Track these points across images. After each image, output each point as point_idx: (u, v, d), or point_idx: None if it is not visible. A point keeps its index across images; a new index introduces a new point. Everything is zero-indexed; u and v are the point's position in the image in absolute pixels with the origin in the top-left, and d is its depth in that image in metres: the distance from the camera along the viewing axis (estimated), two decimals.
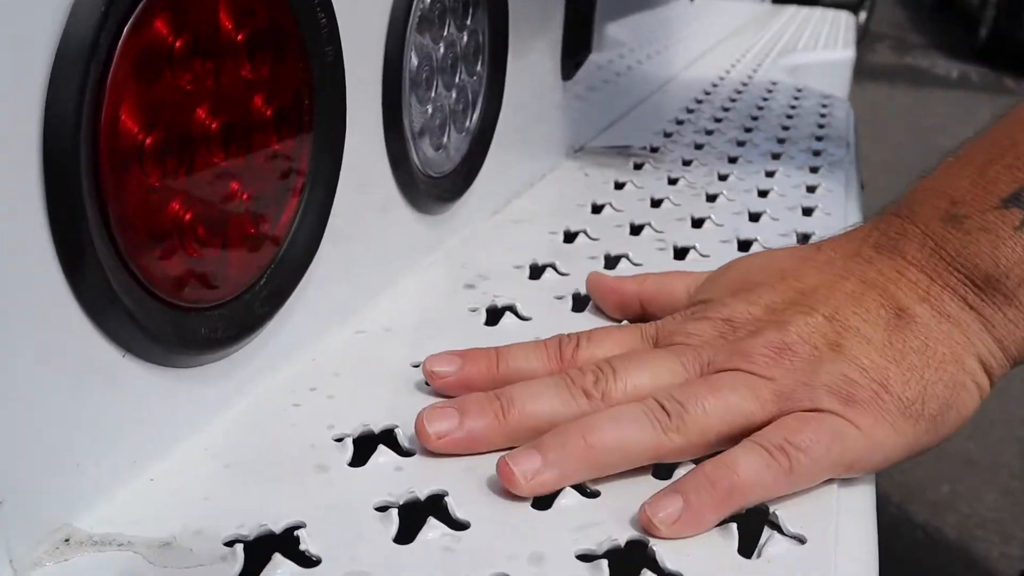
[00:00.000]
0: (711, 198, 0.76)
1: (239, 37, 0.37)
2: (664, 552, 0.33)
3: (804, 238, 0.67)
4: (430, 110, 0.57)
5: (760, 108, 1.16)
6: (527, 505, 0.35)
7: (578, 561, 0.32)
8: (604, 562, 0.32)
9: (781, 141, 0.98)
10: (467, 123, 0.62)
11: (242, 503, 0.35)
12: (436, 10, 0.55)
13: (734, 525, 0.34)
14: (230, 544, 0.33)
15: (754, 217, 0.72)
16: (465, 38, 0.60)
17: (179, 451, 0.38)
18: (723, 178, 0.83)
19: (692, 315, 0.44)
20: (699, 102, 1.17)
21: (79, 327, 0.32)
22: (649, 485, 0.37)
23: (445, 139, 0.59)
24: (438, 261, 0.60)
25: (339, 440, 0.39)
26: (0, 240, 0.28)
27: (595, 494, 0.36)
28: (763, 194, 0.78)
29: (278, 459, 0.38)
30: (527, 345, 0.44)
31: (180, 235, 0.36)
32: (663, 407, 0.37)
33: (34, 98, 0.29)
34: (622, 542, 0.34)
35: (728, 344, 0.41)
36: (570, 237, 0.66)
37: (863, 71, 5.92)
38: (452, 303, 0.54)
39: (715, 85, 1.30)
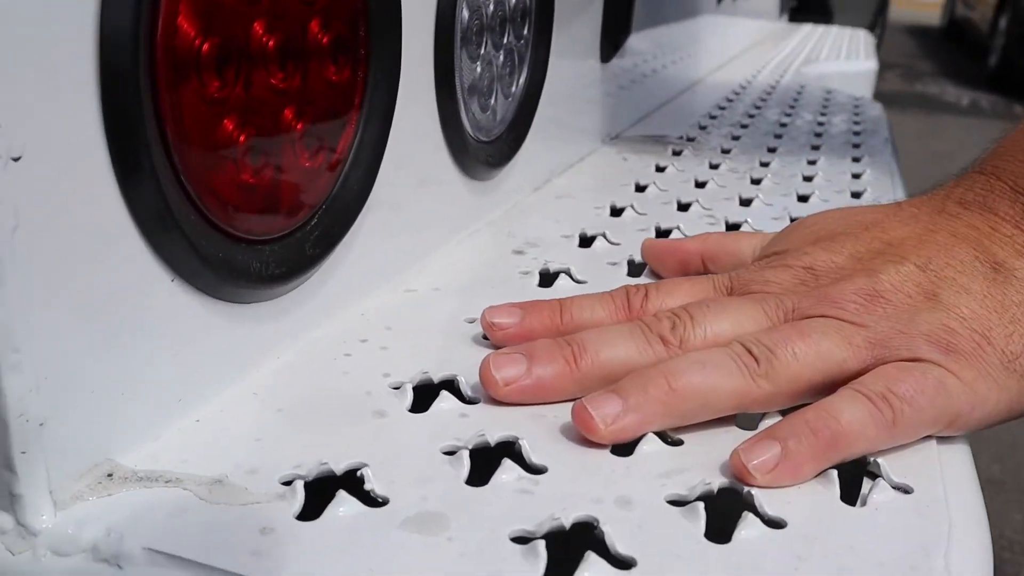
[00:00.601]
0: (756, 181, 0.74)
1: None
2: (762, 499, 0.30)
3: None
4: (479, 68, 0.54)
5: (792, 107, 1.13)
6: (606, 451, 0.33)
7: (670, 506, 0.30)
8: (700, 504, 0.29)
9: (818, 135, 0.96)
10: (513, 88, 0.60)
11: (297, 445, 0.32)
12: None
13: (834, 472, 0.32)
14: (288, 483, 0.30)
15: (803, 198, 0.69)
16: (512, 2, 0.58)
17: (227, 394, 0.35)
18: (765, 164, 0.80)
19: (769, 264, 0.41)
20: (730, 101, 1.15)
21: (131, 245, 0.30)
22: (733, 436, 0.34)
23: (492, 101, 0.57)
24: (482, 229, 0.57)
25: (396, 388, 0.36)
26: (57, 152, 0.26)
27: (678, 442, 0.33)
28: (808, 179, 0.76)
29: (333, 405, 0.35)
30: (592, 296, 0.41)
31: (234, 158, 0.34)
32: (750, 352, 0.34)
33: (90, 4, 0.27)
34: (715, 488, 0.31)
35: (812, 291, 0.38)
36: (616, 212, 0.63)
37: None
38: (502, 266, 0.51)
39: (743, 87, 1.28)
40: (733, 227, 0.61)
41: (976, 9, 7.36)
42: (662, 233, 0.59)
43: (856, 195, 0.71)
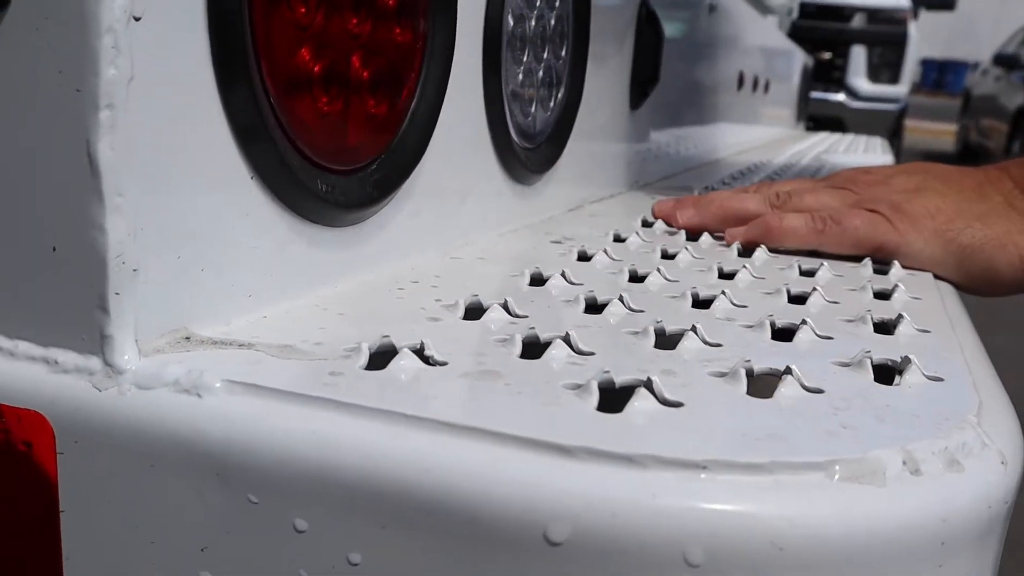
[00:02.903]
0: None
1: None
2: (800, 372, 0.32)
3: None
4: (521, 76, 0.58)
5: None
6: (650, 344, 0.34)
7: (711, 376, 0.31)
8: (740, 370, 0.31)
9: None
10: (551, 103, 0.64)
11: (359, 332, 0.34)
12: None
13: (868, 360, 0.33)
14: (352, 349, 0.32)
15: None
16: (553, 20, 0.62)
17: (291, 303, 0.37)
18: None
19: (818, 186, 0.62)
20: (750, 169, 1.19)
21: (222, 133, 0.33)
22: (767, 345, 0.36)
23: (533, 110, 0.61)
24: (521, 230, 0.60)
25: (450, 305, 0.39)
26: (171, 23, 0.29)
27: (717, 344, 0.35)
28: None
29: (391, 313, 0.37)
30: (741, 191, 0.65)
31: (310, 84, 0.37)
32: (778, 196, 0.60)
33: None
34: (754, 367, 0.32)
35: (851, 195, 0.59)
36: (648, 223, 0.66)
37: None
38: (543, 249, 0.54)
39: (764, 163, 1.33)
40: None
41: (990, 136, 7.52)
42: (693, 237, 0.62)
43: None
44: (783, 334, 0.38)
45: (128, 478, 0.28)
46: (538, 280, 0.45)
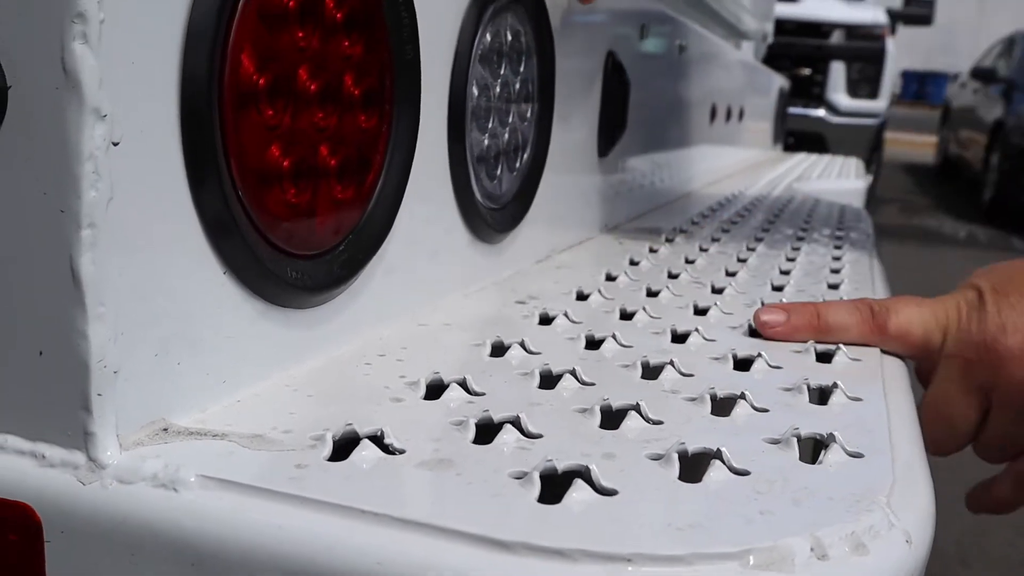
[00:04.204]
0: (742, 260, 0.80)
1: (338, 15, 0.42)
2: (729, 453, 0.34)
3: (832, 286, 0.70)
4: (486, 141, 0.61)
5: (781, 210, 1.21)
6: (595, 424, 0.37)
7: (648, 459, 0.34)
8: (675, 454, 0.34)
9: (804, 230, 1.02)
10: (517, 163, 0.66)
11: (326, 416, 0.37)
12: (495, 50, 0.61)
13: (794, 439, 0.36)
14: (318, 438, 0.34)
15: (785, 272, 0.75)
16: (518, 84, 0.65)
17: (263, 384, 0.40)
18: (751, 249, 0.86)
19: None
20: (721, 204, 1.22)
21: (195, 236, 0.35)
22: (706, 421, 0.39)
23: (499, 172, 0.63)
24: (489, 287, 0.63)
25: (412, 383, 0.41)
26: (147, 146, 0.32)
27: (658, 422, 0.38)
28: (792, 260, 0.82)
29: (356, 393, 0.40)
30: (844, 303, 0.54)
31: (280, 178, 0.40)
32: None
33: (175, 42, 0.33)
34: (689, 449, 0.35)
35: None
36: (611, 278, 0.69)
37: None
38: (507, 311, 0.56)
39: (735, 196, 1.36)
40: (720, 289, 0.67)
41: (969, 148, 7.61)
42: (653, 292, 0.64)
43: (835, 278, 0.77)
44: (723, 405, 0.41)
45: (111, 567, 0.31)
46: (499, 349, 0.48)
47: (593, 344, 0.50)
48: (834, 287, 0.70)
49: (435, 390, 0.41)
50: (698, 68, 1.31)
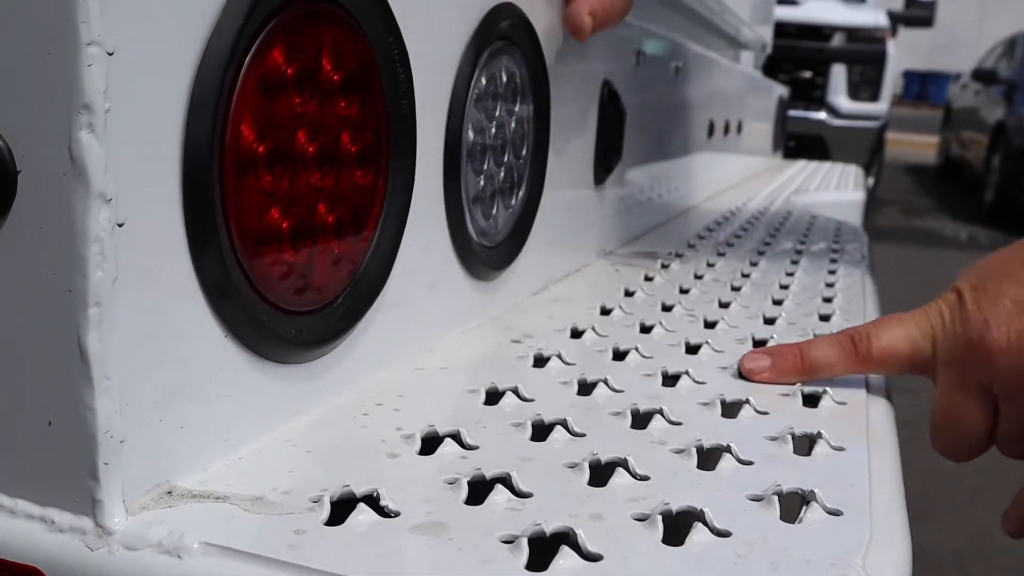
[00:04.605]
0: (736, 288, 0.81)
1: (335, 77, 0.44)
2: (712, 514, 0.36)
3: (823, 317, 0.72)
4: (482, 182, 0.63)
5: (777, 228, 1.22)
6: (584, 482, 0.39)
7: (634, 520, 0.35)
8: (659, 517, 0.35)
9: (799, 252, 1.04)
10: (513, 201, 0.68)
11: (324, 475, 0.38)
12: (490, 93, 0.62)
13: (775, 497, 0.37)
14: (316, 500, 0.36)
15: (778, 302, 0.76)
16: (513, 124, 0.67)
17: (264, 439, 0.41)
18: (746, 275, 0.88)
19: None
20: (719, 224, 1.24)
21: (196, 303, 0.37)
22: (693, 477, 0.40)
23: (494, 211, 0.65)
24: (485, 324, 0.64)
25: (407, 437, 0.43)
26: (149, 224, 0.33)
27: (644, 478, 0.39)
28: (784, 287, 0.83)
29: (353, 448, 0.41)
30: (825, 339, 0.55)
31: (279, 240, 0.41)
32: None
33: (182, 93, 0.35)
34: (673, 509, 0.36)
35: None
36: (606, 311, 0.70)
37: (873, 233, 6.08)
38: (502, 352, 0.58)
39: (733, 213, 1.37)
40: (712, 323, 0.68)
41: (970, 149, 7.61)
42: (646, 328, 0.66)
43: (827, 308, 0.78)
44: (710, 456, 0.42)
45: None
46: (493, 396, 0.49)
47: (585, 388, 0.51)
48: (825, 318, 0.71)
49: (430, 443, 0.42)
50: (695, 86, 1.32)
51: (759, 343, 0.63)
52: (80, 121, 0.31)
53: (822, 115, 5.71)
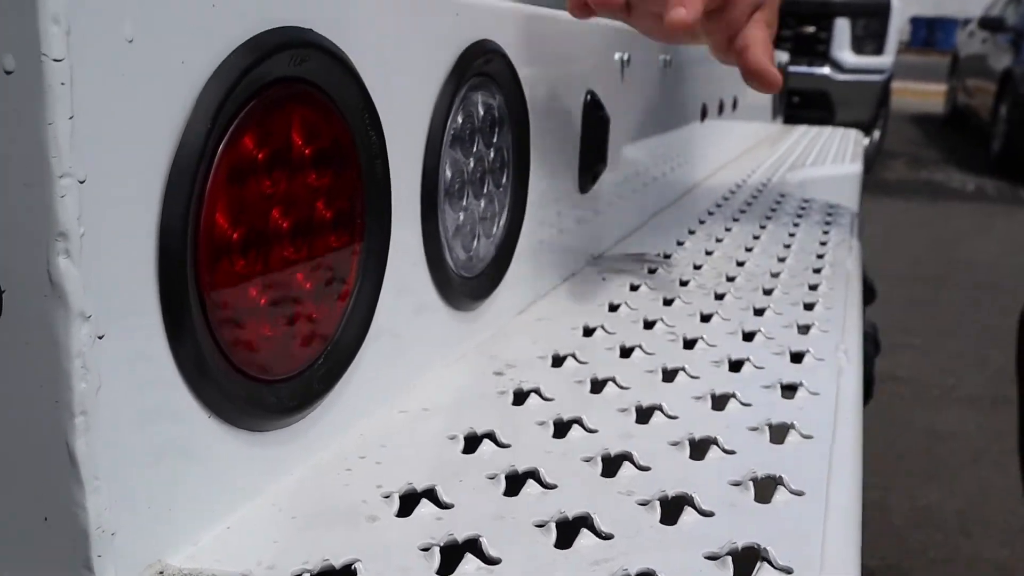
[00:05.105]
0: (720, 296, 0.83)
1: (307, 151, 0.45)
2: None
3: (804, 328, 0.74)
4: (462, 217, 0.64)
5: (768, 218, 1.23)
6: (551, 545, 0.41)
7: None
8: None
9: (787, 246, 1.05)
10: (494, 229, 0.70)
11: (306, 545, 0.41)
12: (467, 130, 0.64)
13: (729, 559, 0.40)
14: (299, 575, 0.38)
15: (759, 312, 0.78)
16: (492, 154, 0.68)
17: (251, 505, 0.44)
18: (732, 279, 0.89)
19: None
20: (711, 213, 1.25)
21: (177, 391, 0.39)
22: (657, 533, 0.42)
23: (475, 243, 0.67)
24: (470, 353, 0.66)
25: (386, 497, 0.45)
26: (128, 335, 0.36)
27: (609, 536, 0.42)
28: (768, 292, 0.85)
29: (335, 512, 0.44)
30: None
31: (256, 316, 0.43)
32: None
33: (153, 204, 0.36)
34: (632, 572, 0.39)
35: None
36: (588, 332, 0.72)
37: (879, 187, 6.08)
38: (483, 387, 0.60)
39: (726, 198, 1.39)
40: (691, 342, 0.70)
41: (977, 98, 7.54)
42: (626, 350, 0.68)
43: (808, 306, 0.80)
44: (675, 504, 0.45)
45: None
46: (472, 441, 0.52)
47: (561, 429, 0.54)
48: (804, 329, 0.73)
49: (408, 501, 0.45)
50: (686, 75, 1.33)
51: (735, 364, 0.65)
52: (57, 248, 0.33)
53: (826, 70, 5.67)
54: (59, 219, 0.32)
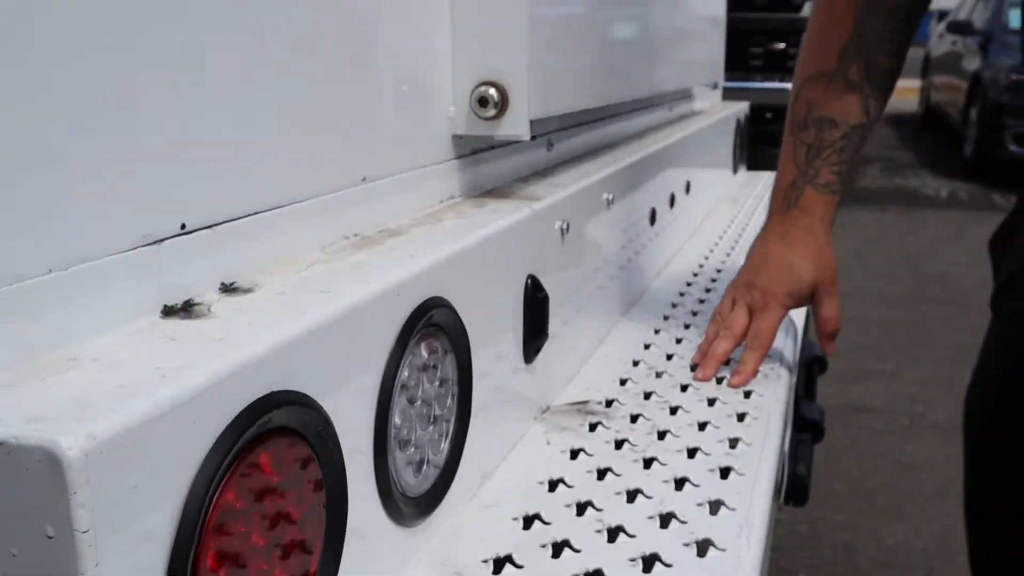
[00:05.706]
0: (647, 462, 0.95)
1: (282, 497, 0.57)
2: None
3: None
4: (412, 449, 0.76)
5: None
6: None
7: None
8: None
9: (720, 381, 1.17)
10: (442, 445, 0.81)
11: None
12: (412, 378, 0.75)
13: None
14: None
15: (692, 451, 0.90)
16: (438, 383, 0.80)
17: None
18: (662, 436, 1.01)
19: None
20: (657, 332, 1.36)
21: None
22: None
23: (424, 466, 0.78)
24: (423, 561, 0.78)
25: None
26: None
27: None
28: (691, 454, 0.96)
29: None
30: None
31: None
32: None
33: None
34: None
35: None
36: (528, 523, 0.84)
37: (855, 197, 6.20)
38: None
39: (675, 305, 1.50)
40: (613, 536, 0.81)
41: (946, 95, 7.66)
42: (557, 550, 0.79)
43: (733, 444, 0.91)
44: None
45: None
46: None
47: None
48: (725, 473, 0.85)
49: None
50: (631, 196, 1.44)
51: (651, 558, 0.76)
52: None
53: None
54: None
